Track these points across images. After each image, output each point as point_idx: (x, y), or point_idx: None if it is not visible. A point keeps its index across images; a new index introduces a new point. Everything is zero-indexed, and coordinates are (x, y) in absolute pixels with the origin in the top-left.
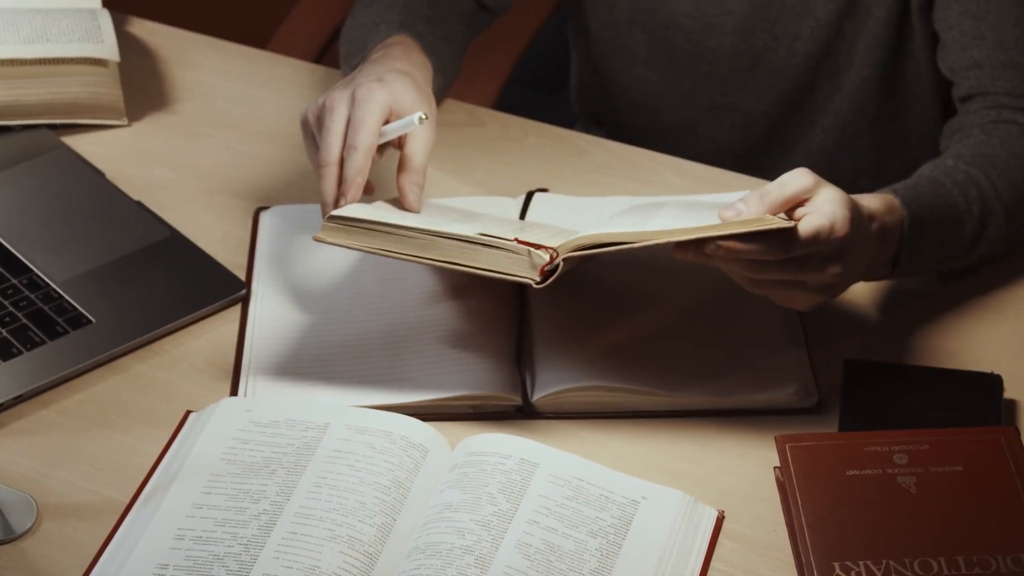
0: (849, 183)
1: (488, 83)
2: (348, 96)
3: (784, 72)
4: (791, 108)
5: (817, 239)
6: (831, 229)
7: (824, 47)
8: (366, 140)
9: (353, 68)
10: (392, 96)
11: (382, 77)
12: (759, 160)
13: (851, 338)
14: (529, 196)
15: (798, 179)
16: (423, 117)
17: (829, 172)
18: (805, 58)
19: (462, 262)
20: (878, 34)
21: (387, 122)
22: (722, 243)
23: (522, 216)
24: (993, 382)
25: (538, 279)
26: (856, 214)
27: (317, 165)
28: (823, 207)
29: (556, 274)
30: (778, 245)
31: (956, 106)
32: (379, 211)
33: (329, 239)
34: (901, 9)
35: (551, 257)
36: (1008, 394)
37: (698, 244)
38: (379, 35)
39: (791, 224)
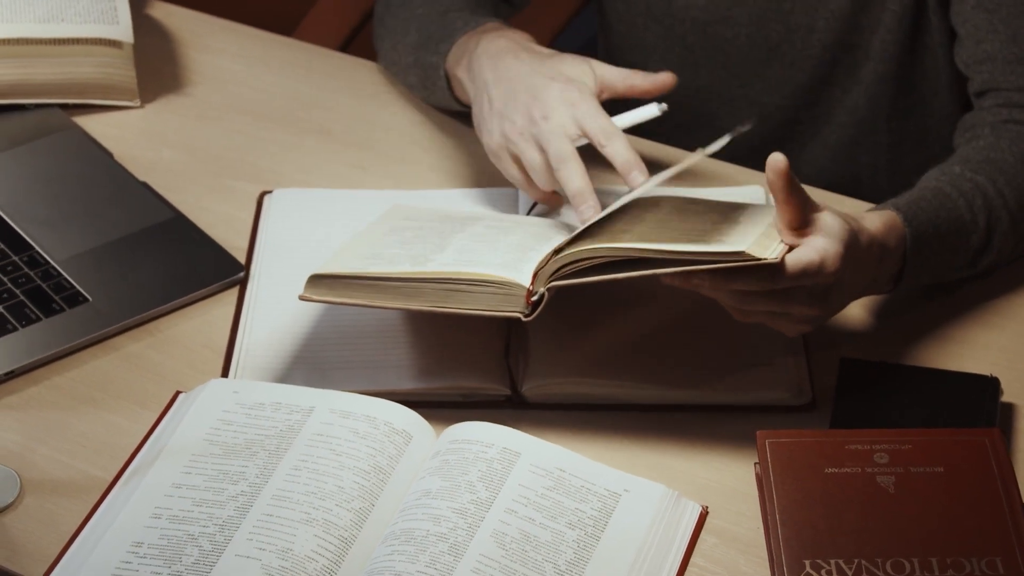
0: (866, 180)
1: None
2: (564, 104)
3: (800, 64)
4: (807, 102)
5: (804, 274)
6: (820, 265)
7: (840, 40)
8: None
9: (440, 55)
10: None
11: (566, 74)
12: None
13: (851, 340)
14: None
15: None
16: (665, 109)
17: (845, 169)
18: (821, 50)
19: (449, 306)
20: (893, 28)
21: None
22: (707, 276)
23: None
24: (990, 384)
25: (526, 311)
26: (851, 248)
27: (548, 166)
28: (815, 241)
29: (542, 306)
30: (764, 277)
31: (972, 102)
32: (374, 247)
33: (315, 296)
34: (916, 3)
35: (528, 293)
36: (1007, 398)
37: (685, 273)
38: (458, 22)
39: (777, 259)
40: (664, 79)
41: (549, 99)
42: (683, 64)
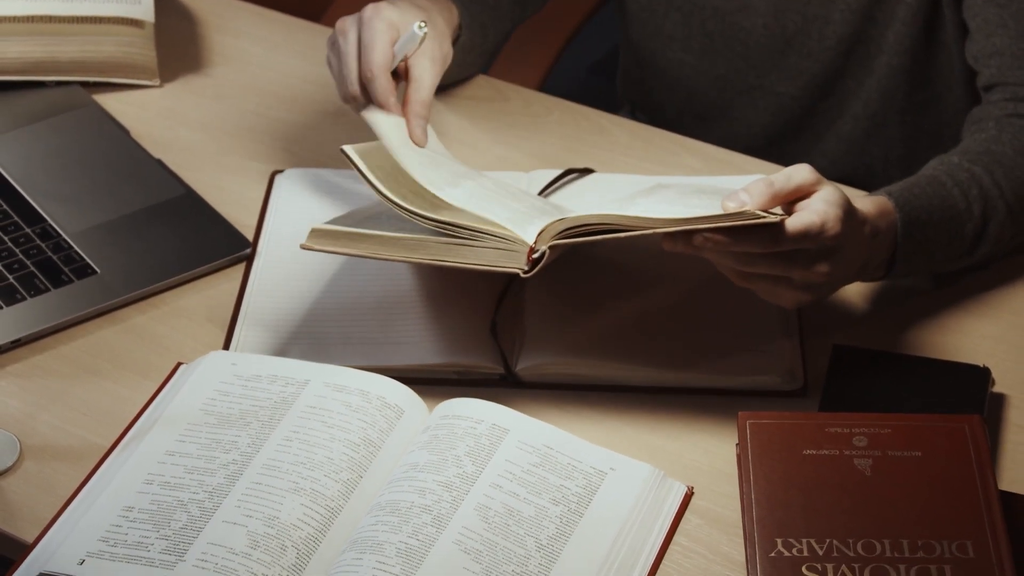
0: (880, 173)
1: (535, 64)
2: (356, 18)
3: (816, 55)
4: (822, 93)
5: (806, 235)
6: (821, 227)
7: (855, 32)
8: (380, 60)
9: None
10: (399, 14)
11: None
12: (790, 145)
13: (846, 328)
14: (564, 175)
15: (802, 173)
16: (422, 25)
17: (859, 161)
18: (837, 42)
19: (450, 259)
20: (908, 22)
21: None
22: (710, 235)
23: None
24: (980, 374)
25: (525, 268)
26: (850, 216)
27: (344, 96)
28: (816, 205)
29: (542, 263)
30: (767, 238)
31: (980, 96)
32: (386, 155)
33: (317, 246)
34: None
35: (530, 250)
36: (998, 388)
37: (687, 235)
38: None
39: (779, 219)
40: (416, 135)
41: (375, 12)
42: (702, 52)
